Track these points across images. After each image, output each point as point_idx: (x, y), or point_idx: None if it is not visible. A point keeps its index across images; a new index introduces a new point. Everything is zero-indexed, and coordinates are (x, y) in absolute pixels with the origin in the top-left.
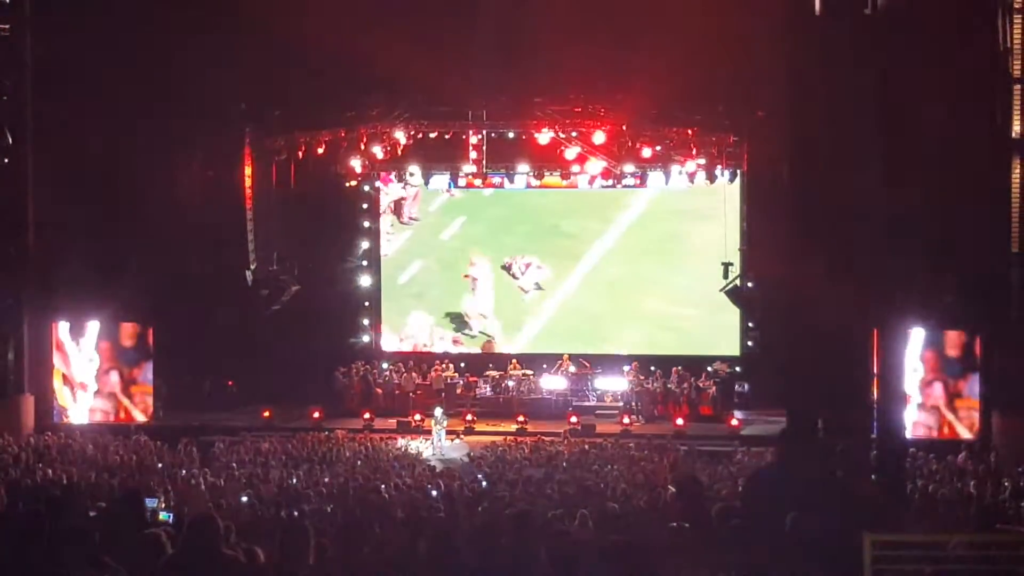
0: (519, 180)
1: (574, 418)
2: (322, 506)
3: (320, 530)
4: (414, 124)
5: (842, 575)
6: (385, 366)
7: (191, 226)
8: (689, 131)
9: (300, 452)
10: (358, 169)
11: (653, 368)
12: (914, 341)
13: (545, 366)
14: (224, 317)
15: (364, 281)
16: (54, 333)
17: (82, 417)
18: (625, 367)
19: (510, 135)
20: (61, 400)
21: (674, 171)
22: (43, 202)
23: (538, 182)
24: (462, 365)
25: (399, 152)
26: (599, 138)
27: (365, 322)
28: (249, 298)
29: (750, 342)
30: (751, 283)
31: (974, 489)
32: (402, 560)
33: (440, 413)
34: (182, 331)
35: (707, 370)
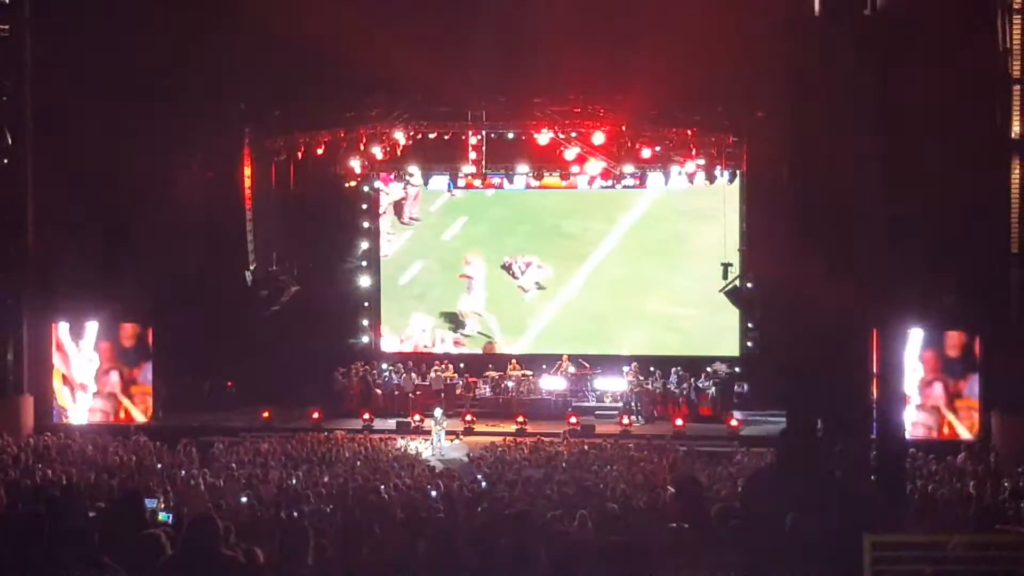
0: (518, 181)
1: (573, 419)
2: (321, 507)
3: (319, 531)
4: (413, 124)
5: (841, 575)
6: (384, 367)
7: (190, 226)
8: (689, 131)
9: (299, 453)
10: (357, 169)
11: (652, 369)
12: (914, 341)
13: (544, 367)
14: (223, 318)
15: (363, 282)
16: (54, 333)
17: (82, 417)
18: (624, 368)
19: (509, 136)
20: (61, 400)
21: (673, 172)
22: (43, 202)
23: (537, 183)
24: (461, 366)
25: (398, 153)
26: (598, 139)
27: (364, 323)
28: (248, 299)
29: (749, 342)
30: (750, 283)
31: (973, 489)
32: (401, 560)
33: (440, 414)
34: (181, 331)
35: (706, 370)
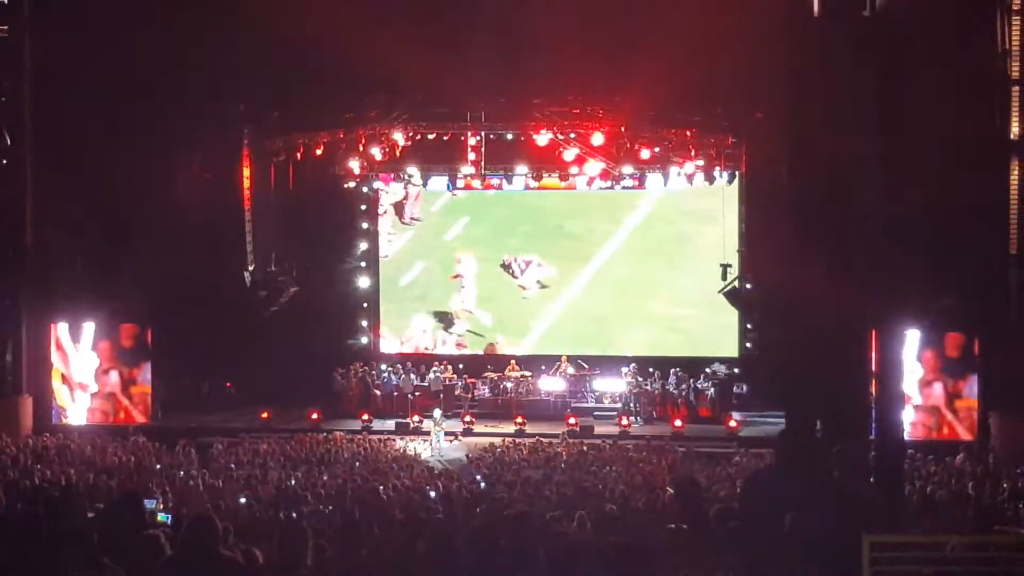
0: (517, 181)
1: (572, 419)
2: (320, 507)
3: (318, 531)
4: (413, 125)
5: None
6: (384, 368)
7: (190, 227)
8: (688, 132)
9: (298, 453)
10: (356, 170)
11: (651, 369)
12: (913, 342)
13: (544, 367)
14: (223, 318)
15: (362, 282)
16: (53, 334)
17: (81, 418)
18: (623, 368)
19: (508, 136)
20: (60, 400)
21: (672, 172)
22: (42, 203)
23: (536, 183)
24: (460, 367)
25: (397, 153)
26: (598, 139)
27: (364, 323)
28: (247, 299)
29: (748, 343)
30: (749, 284)
31: (972, 490)
32: (400, 561)
33: (439, 414)
34: (181, 332)
35: (705, 371)
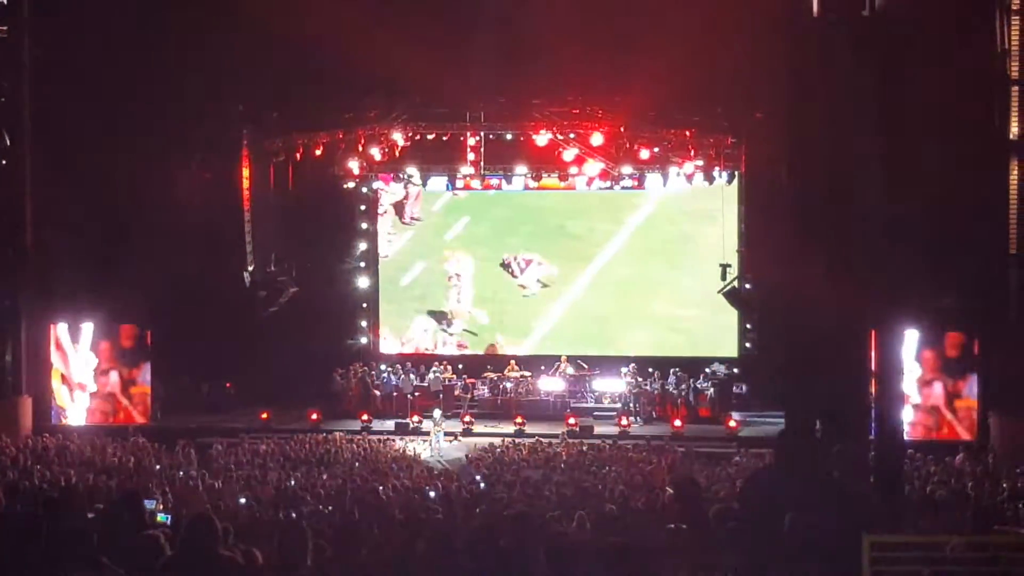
0: (517, 182)
1: (572, 419)
2: (320, 508)
3: (318, 531)
4: (412, 125)
5: None
6: (383, 368)
7: (189, 227)
8: (687, 132)
9: (298, 454)
10: (356, 170)
11: (651, 370)
12: (913, 342)
13: (543, 367)
14: (222, 319)
15: (362, 283)
16: (52, 334)
17: (80, 418)
18: (623, 369)
19: (508, 136)
20: (60, 401)
21: (672, 172)
22: (41, 203)
23: (536, 184)
24: (460, 367)
25: (397, 153)
26: (597, 140)
27: (363, 324)
28: (247, 300)
29: (748, 343)
30: (749, 284)
31: (972, 490)
32: (400, 561)
33: (438, 415)
34: (180, 333)
35: (705, 371)
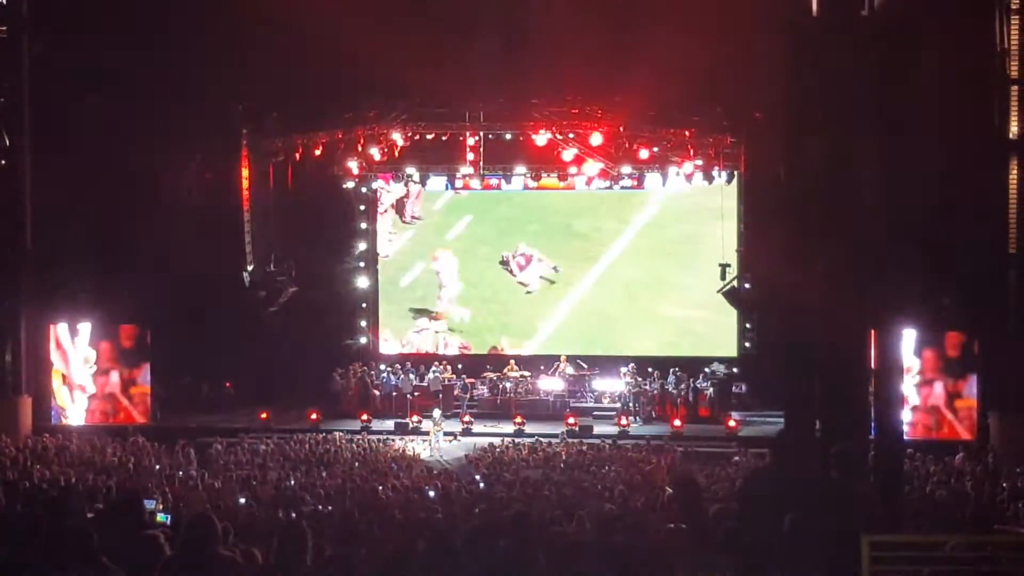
0: (516, 181)
1: (572, 419)
2: (320, 507)
3: (318, 531)
4: (411, 125)
5: None
6: (383, 368)
7: (188, 227)
8: (687, 132)
9: (298, 454)
10: (355, 170)
11: (651, 369)
12: (913, 342)
13: (543, 367)
14: (222, 319)
15: (361, 282)
16: (52, 334)
17: (81, 418)
18: (622, 368)
19: (507, 136)
20: (60, 401)
21: (671, 172)
22: (41, 203)
23: (535, 183)
24: (459, 366)
25: (396, 153)
26: (596, 139)
27: (363, 324)
28: (246, 299)
29: (747, 343)
30: (748, 284)
31: (972, 490)
32: (400, 561)
33: (438, 414)
34: (180, 332)
35: (704, 371)
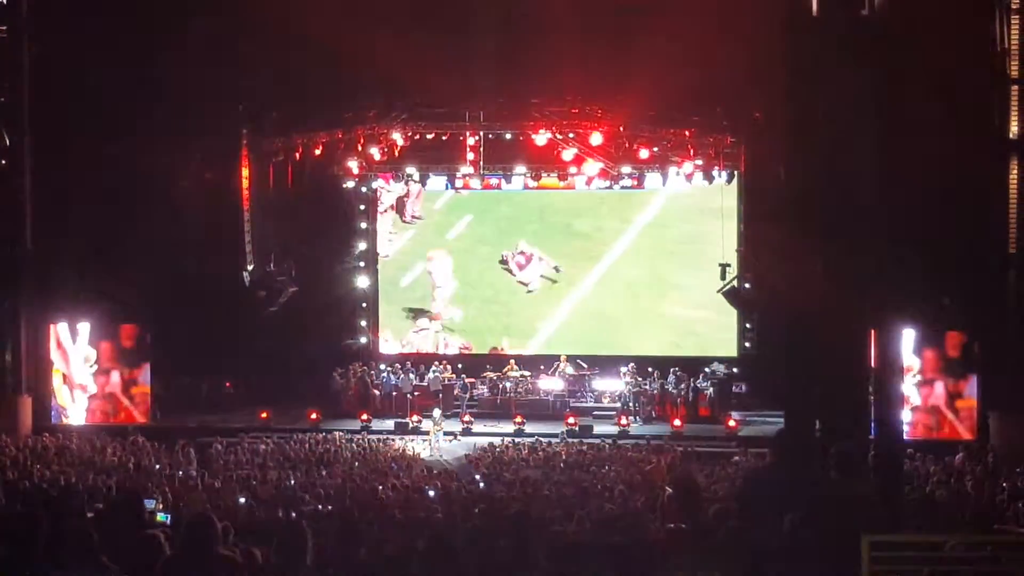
0: (516, 181)
1: (572, 419)
2: (320, 507)
3: (318, 531)
4: (411, 125)
5: None
6: (383, 368)
7: (188, 227)
8: (686, 132)
9: (298, 453)
10: (355, 170)
11: (651, 369)
12: (913, 341)
13: (543, 367)
14: (221, 318)
15: (361, 282)
16: (53, 334)
17: (81, 417)
18: (622, 368)
19: (507, 136)
20: (61, 400)
21: (671, 172)
22: (41, 203)
23: (535, 183)
24: (459, 366)
25: (396, 153)
26: (596, 139)
27: (363, 324)
28: (246, 299)
29: (747, 343)
30: (748, 284)
31: (972, 490)
32: (400, 561)
33: (438, 414)
34: (180, 332)
35: (704, 371)
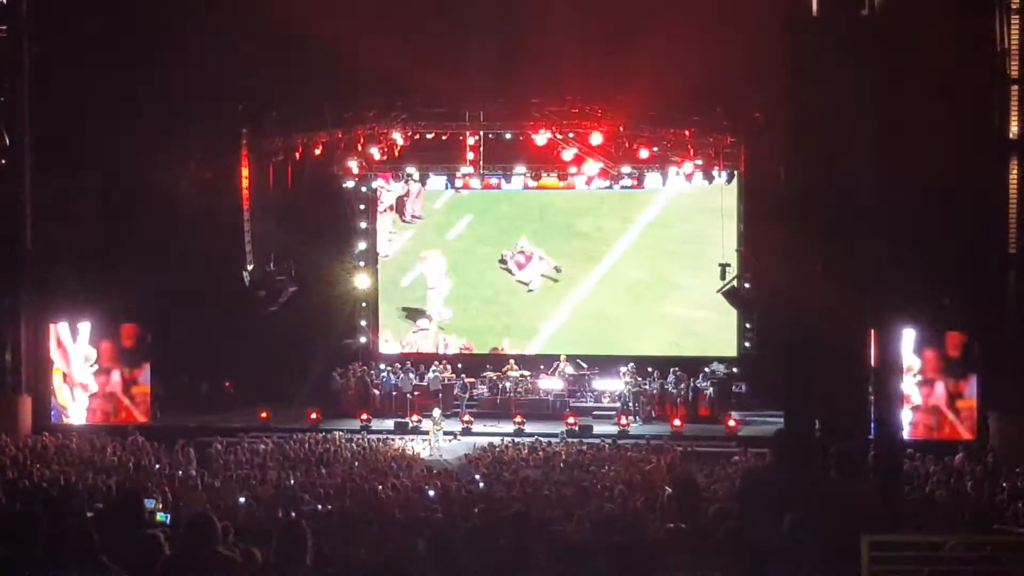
0: (516, 181)
1: (571, 419)
2: (319, 507)
3: (318, 531)
4: (411, 125)
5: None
6: (383, 367)
7: (188, 227)
8: (686, 132)
9: (297, 453)
10: (355, 170)
11: (650, 369)
12: (913, 341)
13: (542, 367)
14: (221, 318)
15: (361, 282)
16: (53, 333)
17: (82, 417)
18: (622, 368)
19: (507, 136)
20: (61, 400)
21: (671, 172)
22: (41, 202)
23: (535, 183)
24: (459, 366)
25: (396, 153)
26: (596, 139)
27: (363, 323)
28: (246, 299)
29: (747, 343)
30: (748, 284)
31: (971, 490)
32: (400, 561)
33: (438, 414)
34: (179, 332)
35: (704, 371)
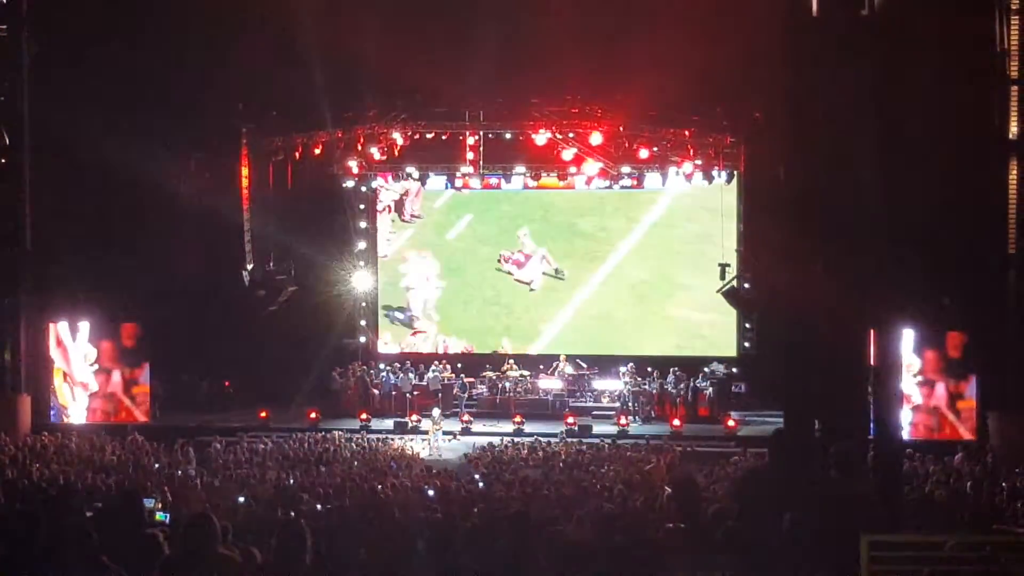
0: (516, 181)
1: (571, 419)
2: (319, 506)
3: (317, 530)
4: (411, 125)
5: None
6: (382, 367)
7: (188, 226)
8: (686, 132)
9: (297, 453)
10: (355, 169)
11: (650, 369)
12: (913, 342)
13: (542, 367)
14: (221, 318)
15: (361, 282)
16: (53, 333)
17: (82, 416)
18: (622, 368)
19: (507, 136)
20: (62, 399)
21: (671, 172)
22: (41, 202)
23: (535, 183)
24: (459, 366)
25: (396, 153)
26: (596, 139)
27: (363, 323)
28: (246, 298)
29: (747, 343)
30: (748, 284)
31: (971, 490)
32: (400, 560)
33: (437, 414)
34: (179, 332)
35: (704, 371)
